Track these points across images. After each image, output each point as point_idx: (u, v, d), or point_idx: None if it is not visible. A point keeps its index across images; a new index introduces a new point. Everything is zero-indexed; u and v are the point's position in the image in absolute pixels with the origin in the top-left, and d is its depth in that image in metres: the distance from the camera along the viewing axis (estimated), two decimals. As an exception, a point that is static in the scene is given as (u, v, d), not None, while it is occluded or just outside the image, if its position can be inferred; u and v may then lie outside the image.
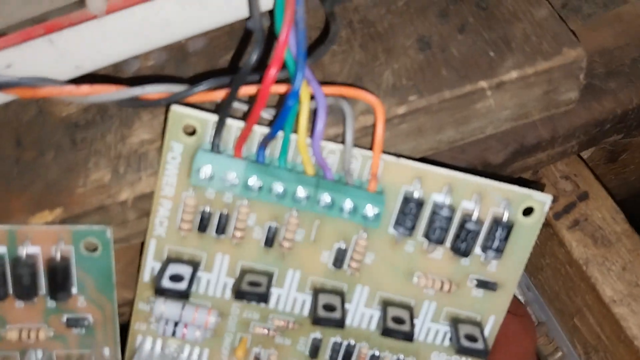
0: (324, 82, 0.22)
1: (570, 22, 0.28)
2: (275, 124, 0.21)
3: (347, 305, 0.25)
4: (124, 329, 0.26)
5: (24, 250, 0.23)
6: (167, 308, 0.25)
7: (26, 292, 0.24)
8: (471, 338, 0.25)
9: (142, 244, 0.25)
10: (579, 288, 0.31)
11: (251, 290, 0.24)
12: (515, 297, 0.35)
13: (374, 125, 0.22)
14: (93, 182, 0.23)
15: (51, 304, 0.25)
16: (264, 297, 0.23)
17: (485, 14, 0.26)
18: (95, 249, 0.24)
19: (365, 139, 0.24)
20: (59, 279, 0.24)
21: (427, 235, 0.24)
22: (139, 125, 0.24)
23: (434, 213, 0.24)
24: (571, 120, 0.29)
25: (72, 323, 0.25)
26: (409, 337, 0.24)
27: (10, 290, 0.24)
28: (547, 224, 0.32)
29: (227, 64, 0.25)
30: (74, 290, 0.25)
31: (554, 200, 0.31)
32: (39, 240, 0.24)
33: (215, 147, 0.22)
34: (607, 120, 0.30)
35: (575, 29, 0.27)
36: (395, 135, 0.24)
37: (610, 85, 0.30)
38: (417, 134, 0.24)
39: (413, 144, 0.25)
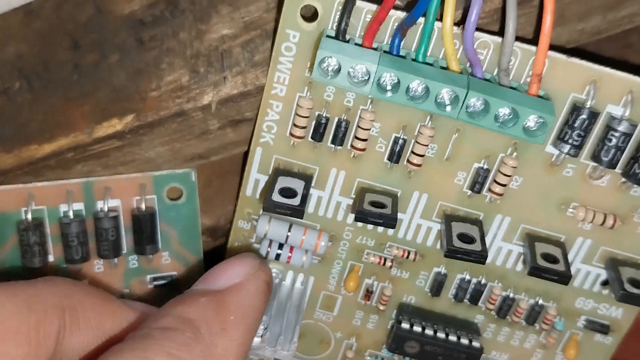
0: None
1: None
2: (416, 7, 0.17)
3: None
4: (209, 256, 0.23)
5: (105, 205, 0.21)
6: (272, 227, 0.21)
7: (111, 248, 0.21)
8: (636, 284, 0.20)
9: (224, 161, 0.22)
10: None
11: (376, 211, 0.20)
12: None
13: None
14: (169, 84, 0.19)
15: (133, 263, 0.22)
16: (391, 220, 0.19)
17: None
18: (179, 197, 0.21)
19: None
20: (146, 230, 0.21)
21: (596, 157, 0.19)
22: (218, 20, 0.19)
23: (608, 128, 0.19)
24: None
25: (156, 282, 0.23)
26: (564, 277, 0.20)
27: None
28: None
29: None
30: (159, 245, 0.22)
31: None
32: (119, 191, 0.21)
33: (340, 34, 0.18)
34: None
35: None
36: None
37: None
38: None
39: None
